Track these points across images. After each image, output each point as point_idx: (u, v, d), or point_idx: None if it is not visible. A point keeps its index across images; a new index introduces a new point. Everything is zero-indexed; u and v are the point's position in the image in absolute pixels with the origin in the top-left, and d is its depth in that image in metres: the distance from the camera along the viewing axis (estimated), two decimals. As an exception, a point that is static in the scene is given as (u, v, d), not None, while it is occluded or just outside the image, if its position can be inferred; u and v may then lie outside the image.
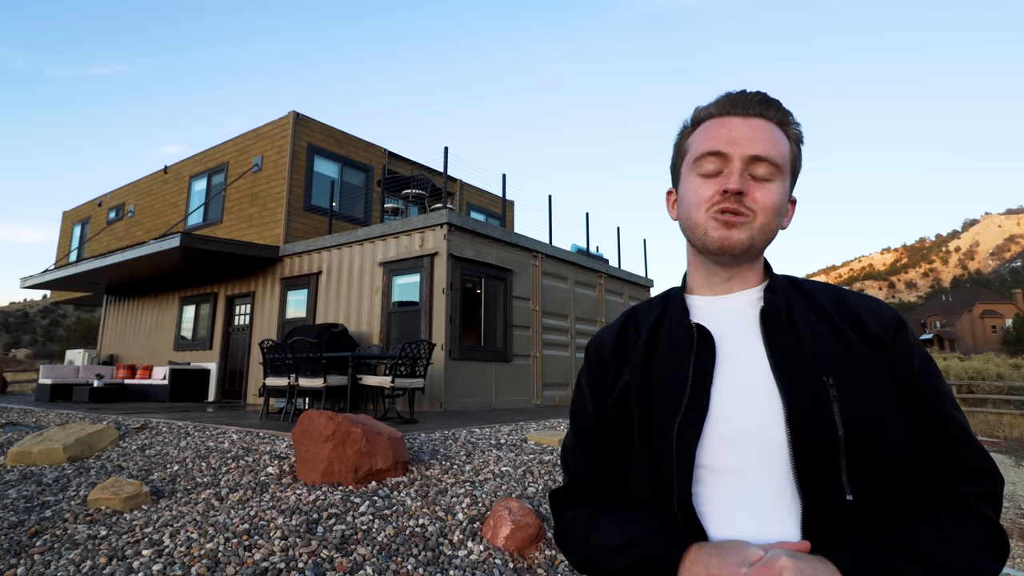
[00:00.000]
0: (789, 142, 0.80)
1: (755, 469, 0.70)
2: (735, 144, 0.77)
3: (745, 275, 0.83)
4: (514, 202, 14.94)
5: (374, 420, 3.89)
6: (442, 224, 8.11)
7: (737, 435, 0.71)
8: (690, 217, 0.81)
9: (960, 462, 0.71)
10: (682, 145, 0.85)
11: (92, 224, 16.04)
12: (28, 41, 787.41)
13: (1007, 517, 4.89)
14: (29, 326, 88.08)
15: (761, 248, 0.79)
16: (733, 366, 0.76)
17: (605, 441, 0.85)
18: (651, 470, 0.75)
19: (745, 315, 0.80)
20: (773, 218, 0.78)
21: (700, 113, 0.83)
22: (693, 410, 0.73)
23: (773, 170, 0.77)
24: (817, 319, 0.78)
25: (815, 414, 0.69)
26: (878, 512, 0.68)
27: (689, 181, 0.81)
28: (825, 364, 0.72)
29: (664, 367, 0.79)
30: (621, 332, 0.89)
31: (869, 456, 0.69)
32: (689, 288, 0.88)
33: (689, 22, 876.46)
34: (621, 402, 0.82)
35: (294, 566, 2.39)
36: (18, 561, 2.48)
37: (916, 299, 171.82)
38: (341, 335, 8.02)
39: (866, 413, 0.70)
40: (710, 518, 0.71)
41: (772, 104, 0.79)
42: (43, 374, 10.37)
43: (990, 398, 13.77)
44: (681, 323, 0.82)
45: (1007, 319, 64.15)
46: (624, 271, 12.47)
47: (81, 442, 4.48)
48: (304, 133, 11.03)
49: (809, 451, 0.68)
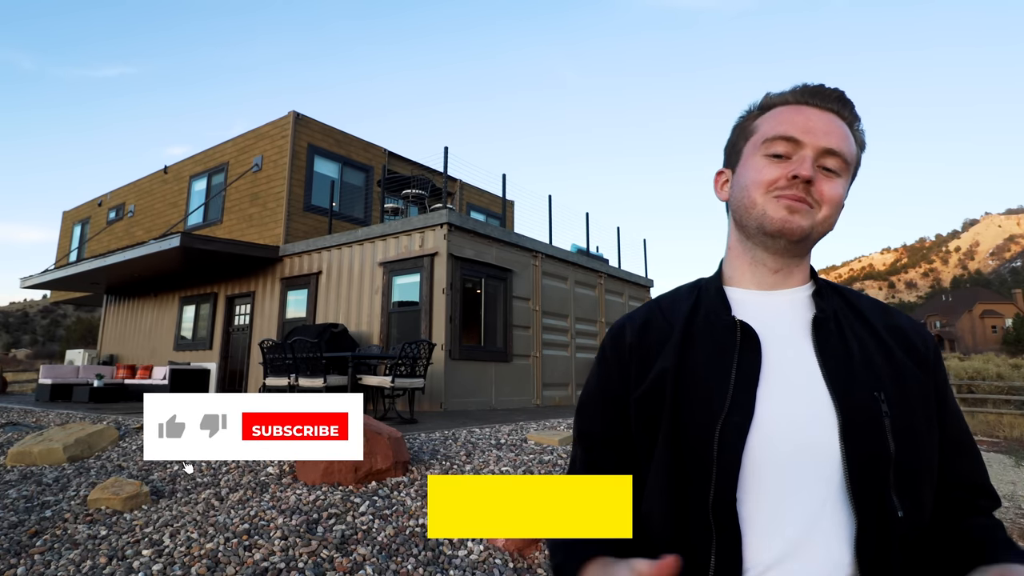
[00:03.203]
0: (856, 144, 0.79)
1: (802, 479, 0.68)
2: (811, 133, 0.75)
3: (792, 271, 0.80)
4: (514, 202, 14.94)
5: (374, 420, 3.89)
6: (442, 224, 8.11)
7: (785, 442, 0.69)
8: (748, 196, 0.78)
9: (981, 481, 0.76)
10: (747, 126, 0.82)
11: (92, 224, 16.04)
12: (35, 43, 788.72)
13: (1007, 517, 4.90)
14: (29, 326, 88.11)
15: (816, 241, 0.78)
16: (780, 370, 0.73)
17: (611, 440, 0.81)
18: (680, 469, 0.71)
19: (793, 317, 0.77)
20: (834, 213, 0.76)
21: (773, 98, 0.81)
22: (737, 412, 0.70)
23: (843, 166, 0.76)
24: (863, 330, 0.77)
25: (868, 429, 0.68)
26: (923, 531, 0.70)
27: (753, 160, 0.79)
28: (875, 378, 0.72)
29: (703, 363, 0.74)
30: (645, 323, 0.83)
31: (916, 474, 0.69)
32: (727, 279, 0.83)
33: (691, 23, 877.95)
34: (652, 393, 0.75)
35: (294, 566, 2.39)
36: (18, 561, 2.48)
37: (916, 299, 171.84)
38: (341, 335, 8.03)
39: (914, 431, 0.70)
40: (749, 524, 0.68)
41: (848, 104, 0.78)
42: (43, 374, 10.37)
43: (990, 398, 13.77)
44: (722, 317, 0.77)
45: (1007, 319, 64.19)
46: (624, 271, 12.48)
47: (81, 442, 4.48)
48: (304, 133, 11.03)
49: (863, 466, 0.67)
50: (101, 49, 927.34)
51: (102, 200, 15.80)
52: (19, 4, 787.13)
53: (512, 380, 8.93)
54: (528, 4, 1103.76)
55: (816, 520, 0.67)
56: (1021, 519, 4.85)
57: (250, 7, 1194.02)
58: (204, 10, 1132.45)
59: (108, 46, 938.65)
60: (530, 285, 9.57)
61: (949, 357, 25.25)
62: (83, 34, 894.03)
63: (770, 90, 0.83)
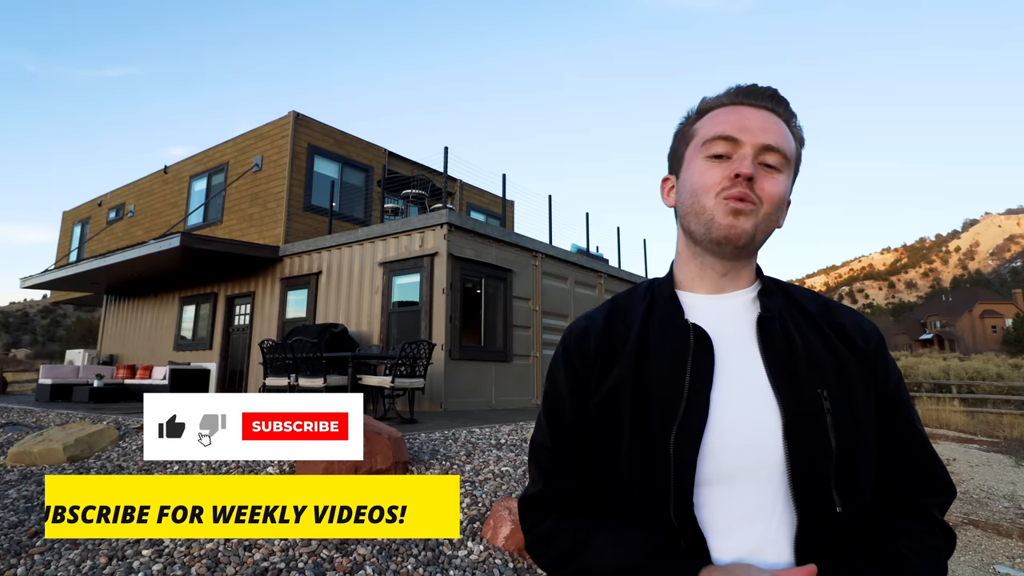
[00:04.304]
0: (795, 141, 0.80)
1: (751, 479, 0.70)
2: (748, 131, 0.76)
3: (740, 272, 0.81)
4: (514, 202, 14.93)
5: (374, 420, 3.89)
6: (442, 224, 8.11)
7: (735, 444, 0.70)
8: (696, 202, 0.78)
9: (927, 475, 0.76)
10: (687, 131, 0.83)
11: (92, 224, 16.04)
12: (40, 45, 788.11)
13: (1007, 517, 4.89)
14: (29, 326, 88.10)
15: (761, 242, 0.78)
16: (730, 372, 0.74)
17: (583, 442, 0.79)
18: (645, 476, 0.71)
19: (740, 318, 0.79)
20: (777, 210, 0.77)
21: (709, 102, 0.82)
22: (692, 416, 0.70)
23: (783, 161, 0.76)
24: (807, 327, 0.78)
25: (811, 427, 0.70)
26: (859, 521, 0.71)
27: (695, 164, 0.79)
28: (819, 376, 0.73)
29: (658, 368, 0.75)
30: (607, 326, 0.83)
31: (855, 468, 0.71)
32: (678, 283, 0.84)
33: (690, 24, 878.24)
34: (610, 403, 0.76)
35: (294, 566, 2.39)
36: (18, 561, 2.48)
37: (916, 299, 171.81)
38: (341, 335, 8.03)
39: (855, 426, 0.72)
40: (708, 526, 0.69)
41: (782, 101, 0.79)
42: (43, 374, 10.36)
43: (990, 398, 13.77)
44: (675, 321, 0.78)
45: (1007, 319, 64.14)
46: (624, 271, 12.48)
47: (81, 442, 4.48)
48: (304, 133, 11.03)
49: (805, 464, 0.69)
50: (106, 50, 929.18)
51: (102, 200, 15.80)
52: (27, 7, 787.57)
53: (512, 380, 8.93)
54: (528, 5, 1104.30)
55: (769, 521, 0.69)
56: (1021, 519, 4.84)
57: (251, 7, 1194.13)
58: (205, 10, 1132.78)
59: (113, 47, 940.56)
60: (530, 285, 9.57)
61: (949, 357, 25.21)
62: (88, 36, 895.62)
63: (706, 95, 0.84)
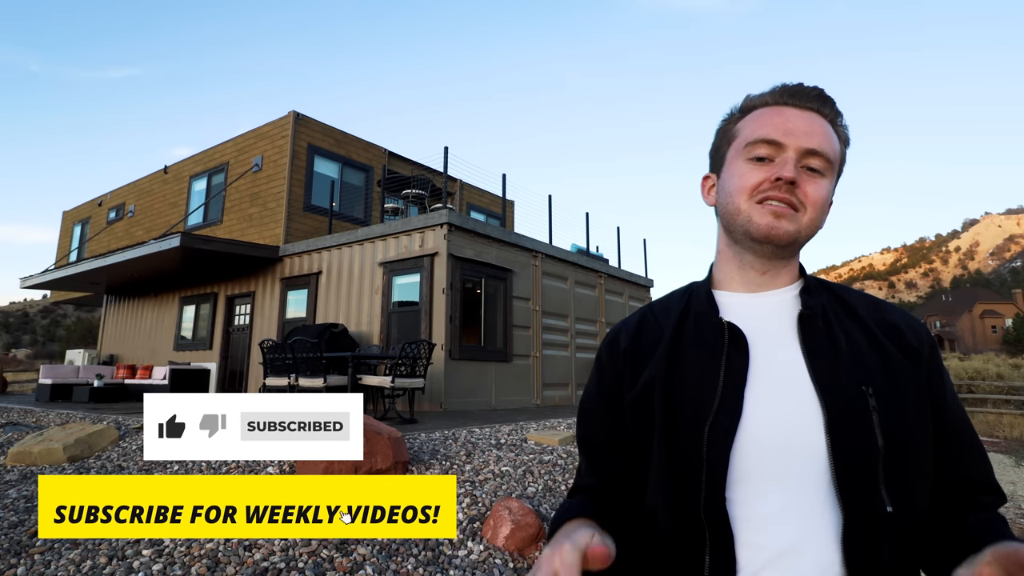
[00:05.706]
0: (839, 142, 0.79)
1: (790, 476, 0.68)
2: (791, 135, 0.75)
3: (780, 272, 0.80)
4: (514, 202, 14.93)
5: (374, 420, 3.89)
6: (442, 224, 8.11)
7: (772, 441, 0.69)
8: (732, 202, 0.78)
9: (984, 477, 0.75)
10: (729, 130, 0.82)
11: (92, 224, 16.04)
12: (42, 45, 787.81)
13: (1007, 517, 4.89)
14: (29, 326, 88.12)
15: (803, 244, 0.78)
16: (767, 369, 0.73)
17: (610, 443, 0.82)
18: (674, 472, 0.71)
19: (780, 316, 0.77)
20: (819, 214, 0.76)
21: (753, 100, 0.81)
22: (725, 412, 0.70)
23: (826, 165, 0.75)
24: (853, 325, 0.76)
25: (855, 424, 0.68)
26: (914, 524, 0.69)
27: (736, 166, 0.79)
28: (864, 373, 0.71)
29: (692, 365, 0.75)
30: (639, 328, 0.84)
31: (906, 468, 0.68)
32: (716, 282, 0.84)
33: (690, 24, 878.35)
34: (643, 400, 0.76)
35: (294, 566, 2.39)
36: (18, 561, 2.48)
37: (916, 299, 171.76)
38: (341, 335, 8.03)
39: (904, 425, 0.69)
40: (742, 523, 0.68)
41: (828, 101, 0.78)
42: (43, 374, 10.36)
43: (990, 398, 13.76)
44: (710, 320, 0.78)
45: (1007, 319, 64.16)
46: (624, 271, 12.48)
47: (81, 442, 4.48)
48: (304, 133, 11.03)
49: (849, 461, 0.67)
50: (109, 51, 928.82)
51: (102, 200, 15.80)
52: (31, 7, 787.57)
53: (512, 380, 8.93)
54: (529, 5, 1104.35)
55: (807, 519, 0.67)
56: (1021, 519, 4.85)
57: (252, 8, 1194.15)
58: (206, 10, 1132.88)
59: (117, 48, 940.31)
60: (530, 285, 9.57)
61: (949, 357, 25.24)
62: (92, 36, 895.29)
63: (750, 92, 0.82)
